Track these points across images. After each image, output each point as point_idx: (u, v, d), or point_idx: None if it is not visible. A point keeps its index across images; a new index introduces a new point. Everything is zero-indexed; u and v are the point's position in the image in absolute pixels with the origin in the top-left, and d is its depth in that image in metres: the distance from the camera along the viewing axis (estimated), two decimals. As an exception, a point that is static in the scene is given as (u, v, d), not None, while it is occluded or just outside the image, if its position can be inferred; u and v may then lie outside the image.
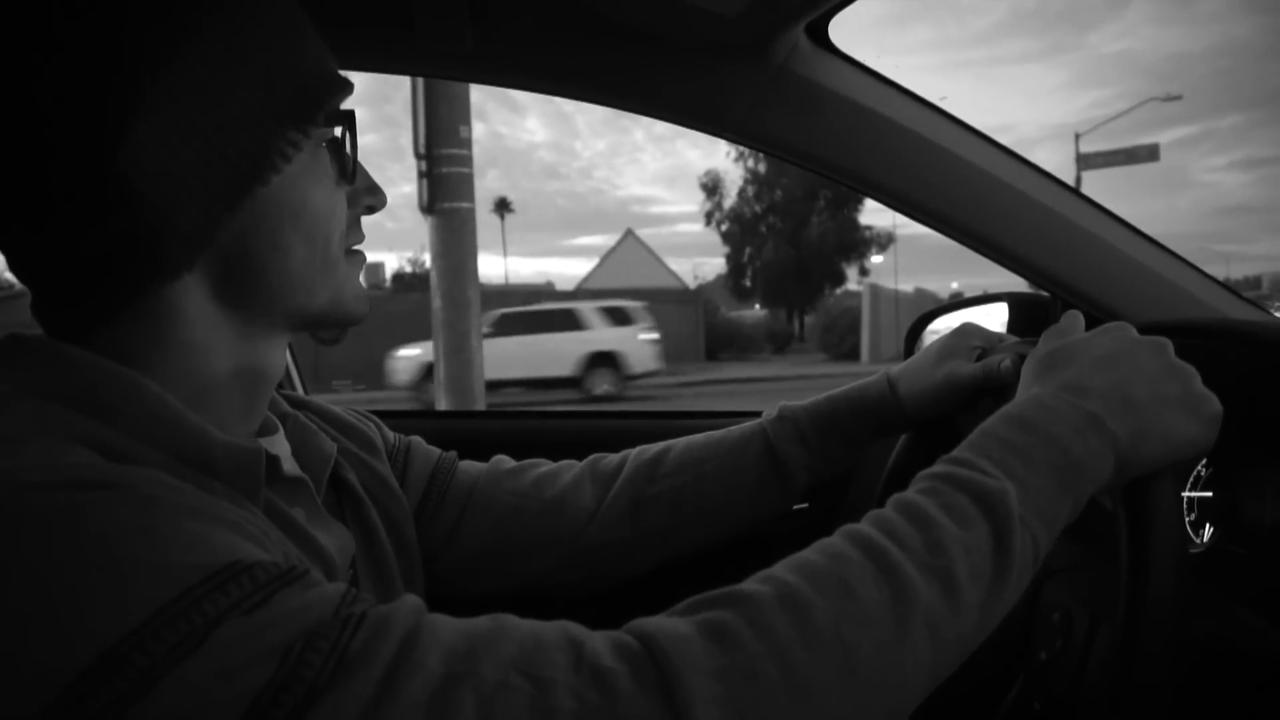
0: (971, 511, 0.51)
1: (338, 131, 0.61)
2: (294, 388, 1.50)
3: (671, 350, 21.43)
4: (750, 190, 32.25)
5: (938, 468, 0.55)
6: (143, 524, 0.42)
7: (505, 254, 58.99)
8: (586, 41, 0.92)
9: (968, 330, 0.84)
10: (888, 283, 28.61)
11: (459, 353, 4.66)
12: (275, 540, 0.52)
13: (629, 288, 26.15)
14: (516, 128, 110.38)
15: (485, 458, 0.88)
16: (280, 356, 0.63)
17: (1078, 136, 21.25)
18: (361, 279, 0.66)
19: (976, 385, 0.78)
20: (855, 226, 31.55)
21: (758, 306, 34.63)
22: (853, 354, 22.13)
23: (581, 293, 23.99)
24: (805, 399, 0.87)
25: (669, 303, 23.57)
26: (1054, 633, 0.72)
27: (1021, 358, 0.69)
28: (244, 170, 0.53)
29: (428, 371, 11.96)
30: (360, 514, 0.71)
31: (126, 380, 0.52)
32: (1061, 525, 0.54)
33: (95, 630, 0.38)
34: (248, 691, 0.38)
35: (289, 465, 0.64)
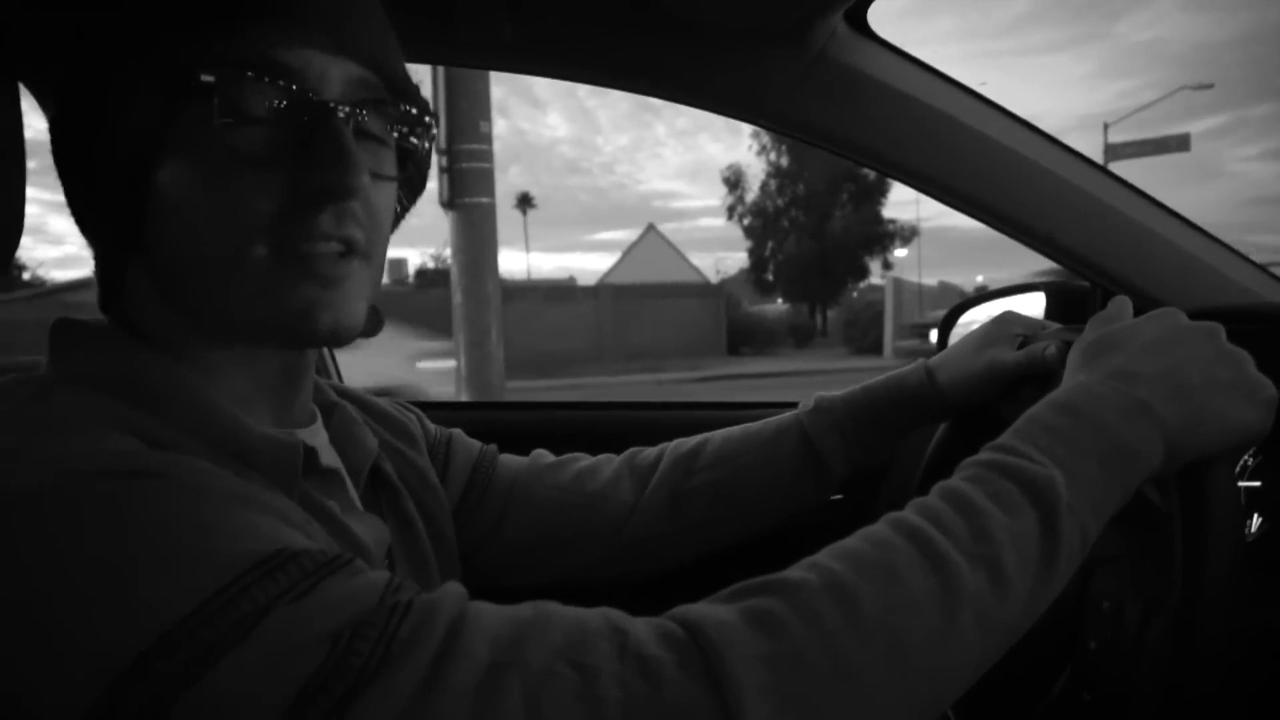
0: (1019, 499, 0.51)
1: (212, 99, 0.48)
2: (329, 377, 1.51)
3: (693, 345, 21.44)
4: (773, 184, 32.11)
5: (983, 455, 0.55)
6: (192, 512, 0.42)
7: (528, 249, 59.22)
8: (624, 29, 0.92)
9: (1009, 318, 0.83)
10: (911, 276, 28.46)
11: (478, 347, 4.68)
12: (316, 531, 0.52)
13: (651, 282, 26.15)
14: (538, 123, 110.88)
15: (516, 450, 0.88)
16: (283, 362, 0.60)
17: (1106, 126, 20.98)
18: (341, 287, 0.54)
19: (1020, 372, 0.77)
20: (878, 220, 31.35)
21: (780, 301, 34.49)
22: (876, 348, 21.98)
23: (603, 288, 23.99)
24: (837, 391, 0.87)
25: (691, 297, 23.53)
26: (1104, 622, 0.71)
27: (1067, 344, 0.68)
28: (111, 169, 0.51)
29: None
30: (397, 505, 0.71)
31: (167, 369, 0.53)
32: (1110, 513, 0.53)
33: (148, 616, 0.39)
34: (298, 678, 0.39)
35: (326, 456, 0.64)
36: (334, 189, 0.51)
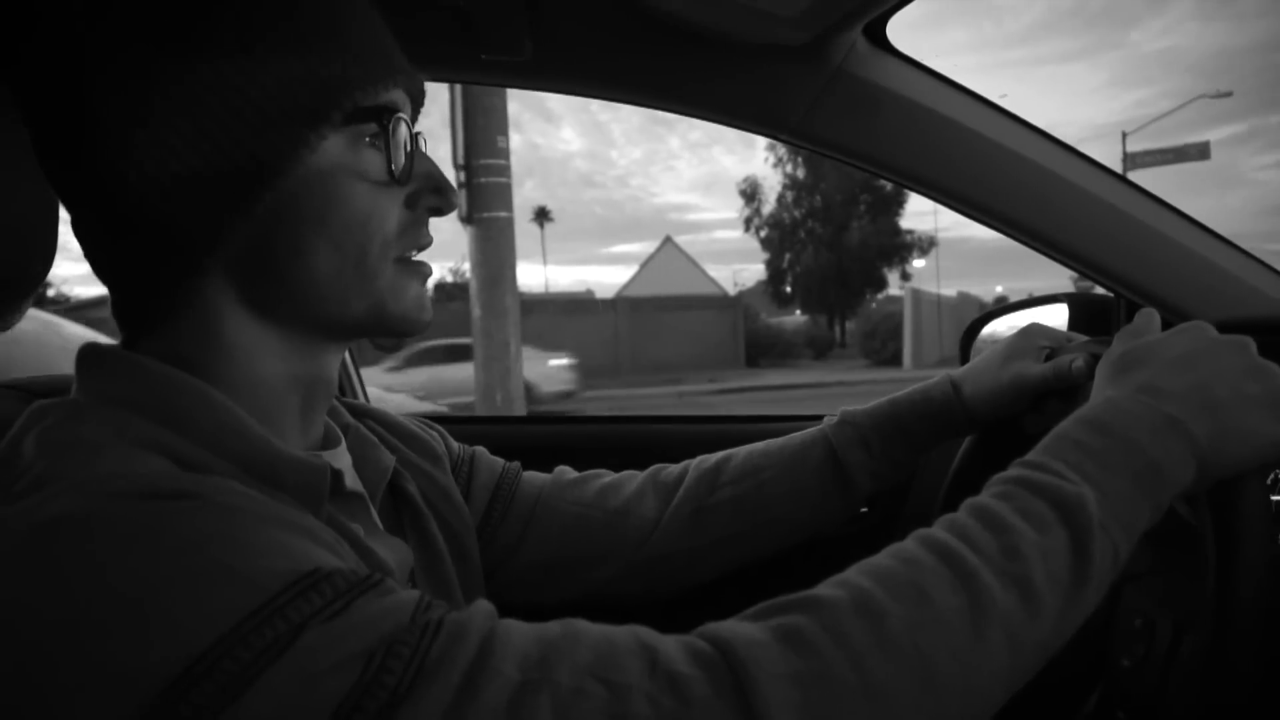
0: (1049, 517, 0.50)
1: (385, 128, 0.56)
2: (355, 395, 1.52)
3: (711, 357, 21.42)
4: (789, 196, 32.05)
5: (1012, 471, 0.54)
6: (225, 532, 0.43)
7: (545, 263, 59.47)
8: (643, 45, 0.92)
9: (1035, 330, 0.83)
10: (930, 287, 28.31)
11: (497, 361, 4.70)
12: (345, 551, 0.52)
13: (669, 294, 26.17)
14: (552, 137, 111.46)
15: (537, 464, 0.88)
16: (333, 365, 0.62)
17: (1124, 135, 20.83)
18: (427, 287, 0.62)
19: (1046, 386, 0.77)
20: (896, 231, 31.21)
21: (798, 312, 34.37)
22: (895, 359, 21.84)
23: (621, 300, 24.00)
24: (853, 404, 0.86)
25: (709, 309, 23.53)
26: (1136, 639, 0.70)
27: (1095, 358, 0.68)
28: (247, 172, 0.52)
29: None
30: (419, 525, 0.71)
31: (196, 390, 0.53)
32: (1141, 530, 0.53)
33: (186, 637, 0.39)
34: (332, 697, 0.39)
35: (350, 479, 0.64)
36: (444, 203, 0.61)
